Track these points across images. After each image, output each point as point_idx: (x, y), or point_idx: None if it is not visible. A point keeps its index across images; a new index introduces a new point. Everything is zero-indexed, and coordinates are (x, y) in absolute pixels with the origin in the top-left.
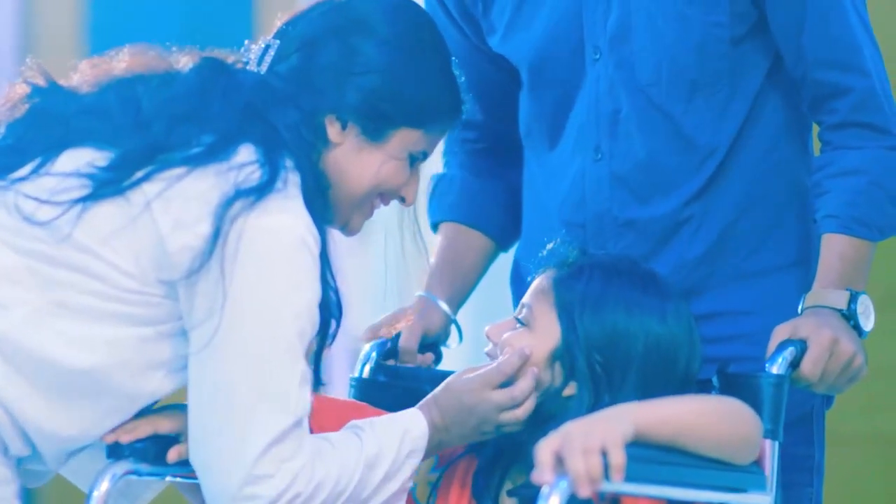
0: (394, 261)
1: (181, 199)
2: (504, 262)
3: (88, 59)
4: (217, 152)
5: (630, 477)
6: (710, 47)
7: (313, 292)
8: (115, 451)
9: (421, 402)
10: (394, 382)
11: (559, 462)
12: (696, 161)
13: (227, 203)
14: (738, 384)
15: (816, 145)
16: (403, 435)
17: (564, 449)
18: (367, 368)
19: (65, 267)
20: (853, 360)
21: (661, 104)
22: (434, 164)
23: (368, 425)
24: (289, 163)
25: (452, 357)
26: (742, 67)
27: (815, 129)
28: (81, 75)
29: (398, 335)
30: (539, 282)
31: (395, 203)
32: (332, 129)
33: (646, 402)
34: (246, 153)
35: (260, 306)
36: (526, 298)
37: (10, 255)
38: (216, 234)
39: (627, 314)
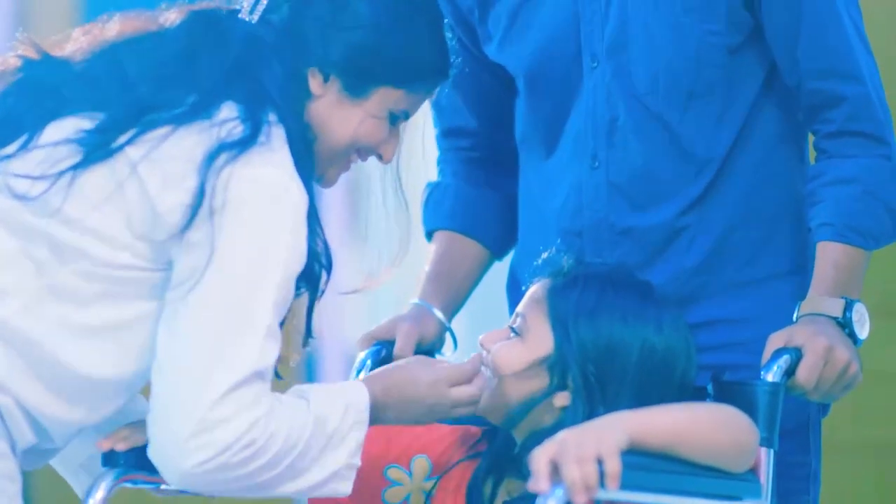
0: (388, 262)
1: (166, 159)
2: (500, 269)
3: (81, 26)
4: (200, 111)
5: (625, 485)
6: (707, 56)
7: (296, 244)
8: (111, 459)
9: (368, 376)
10: None
11: (555, 470)
12: (692, 170)
13: (211, 157)
14: (734, 392)
15: (813, 155)
16: (348, 405)
17: (560, 457)
18: (361, 376)
19: (58, 247)
20: (848, 367)
21: (658, 113)
22: (430, 172)
23: (313, 390)
24: (272, 117)
25: None
26: (738, 77)
27: (811, 137)
28: (74, 43)
29: (393, 343)
30: (533, 291)
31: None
32: (314, 82)
33: (641, 410)
34: (228, 110)
35: (242, 255)
36: (520, 308)
37: (6, 237)
38: (202, 188)
39: (622, 324)
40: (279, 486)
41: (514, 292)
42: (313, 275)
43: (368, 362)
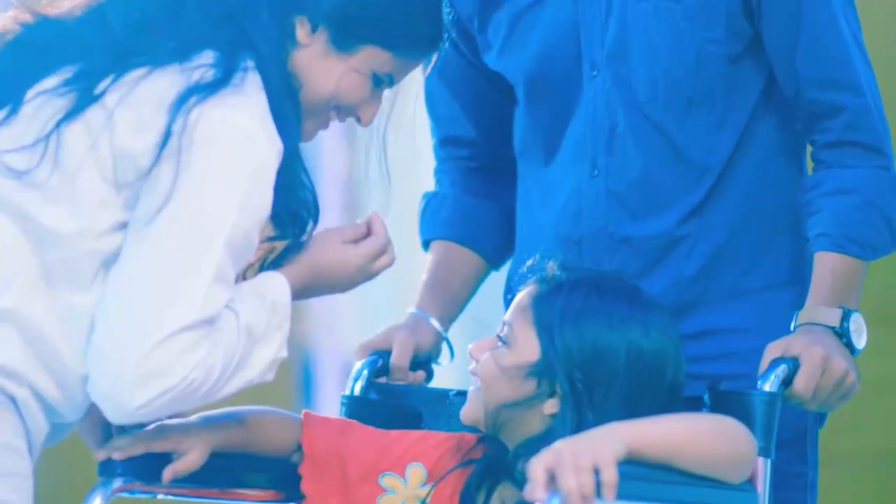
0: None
1: (140, 102)
2: (497, 278)
3: None
4: (178, 55)
5: (622, 494)
6: (707, 64)
7: (257, 191)
8: (108, 468)
9: (286, 267)
10: (385, 400)
11: (551, 479)
12: (691, 178)
13: (182, 99)
14: (730, 402)
15: (810, 166)
16: (274, 305)
17: (556, 466)
18: (358, 386)
19: (48, 229)
20: (845, 377)
21: (658, 121)
22: (426, 183)
23: (240, 294)
24: (249, 63)
25: (444, 374)
26: (738, 86)
27: (808, 148)
28: (71, 0)
29: (389, 353)
30: (519, 299)
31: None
32: (302, 31)
33: (638, 421)
34: (206, 56)
35: (199, 197)
36: (507, 316)
37: (6, 223)
38: (169, 127)
39: (608, 329)
40: (212, 398)
41: (511, 301)
42: (300, 221)
43: (365, 372)
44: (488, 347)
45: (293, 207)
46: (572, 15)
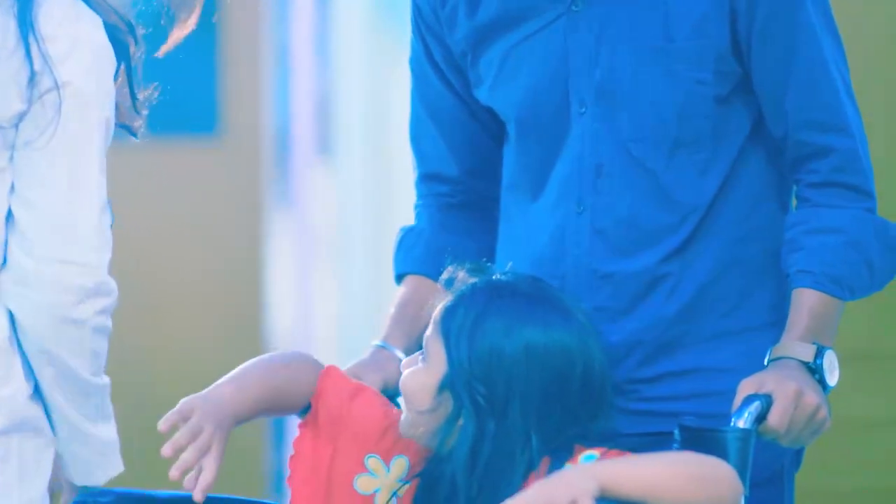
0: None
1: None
2: None
3: None
4: None
5: None
6: (694, 105)
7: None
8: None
9: None
10: None
11: None
12: (676, 218)
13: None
14: (704, 438)
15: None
16: None
17: None
18: None
19: None
20: (817, 412)
21: (644, 160)
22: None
23: None
24: None
25: None
26: (726, 126)
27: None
28: None
29: None
30: (435, 313)
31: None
32: None
33: (612, 460)
34: None
35: (78, 93)
36: (427, 331)
37: None
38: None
39: (505, 335)
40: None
41: None
42: (122, 46)
43: None
44: (414, 364)
45: (111, 36)
46: (562, 51)
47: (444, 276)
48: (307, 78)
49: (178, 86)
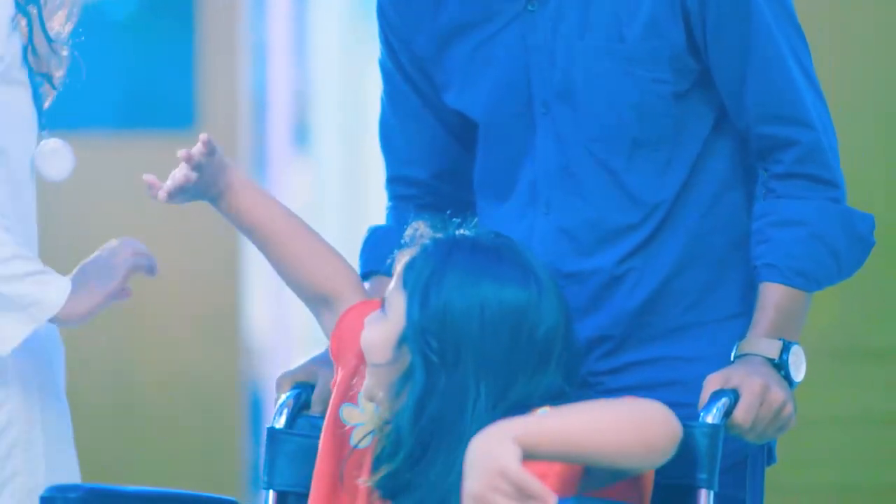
0: None
1: None
2: None
3: None
4: None
5: None
6: (652, 104)
7: None
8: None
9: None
10: (311, 434)
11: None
12: (639, 217)
13: None
14: None
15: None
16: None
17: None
18: (281, 420)
19: None
20: (783, 408)
21: (605, 160)
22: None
23: None
24: None
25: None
26: (686, 122)
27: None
28: None
29: (313, 386)
30: (398, 265)
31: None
32: None
33: (531, 416)
34: None
35: None
36: (389, 284)
37: None
38: None
39: (459, 290)
40: None
41: None
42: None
43: (290, 404)
44: (377, 321)
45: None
46: (522, 52)
47: (409, 232)
48: (283, 73)
49: (154, 80)
